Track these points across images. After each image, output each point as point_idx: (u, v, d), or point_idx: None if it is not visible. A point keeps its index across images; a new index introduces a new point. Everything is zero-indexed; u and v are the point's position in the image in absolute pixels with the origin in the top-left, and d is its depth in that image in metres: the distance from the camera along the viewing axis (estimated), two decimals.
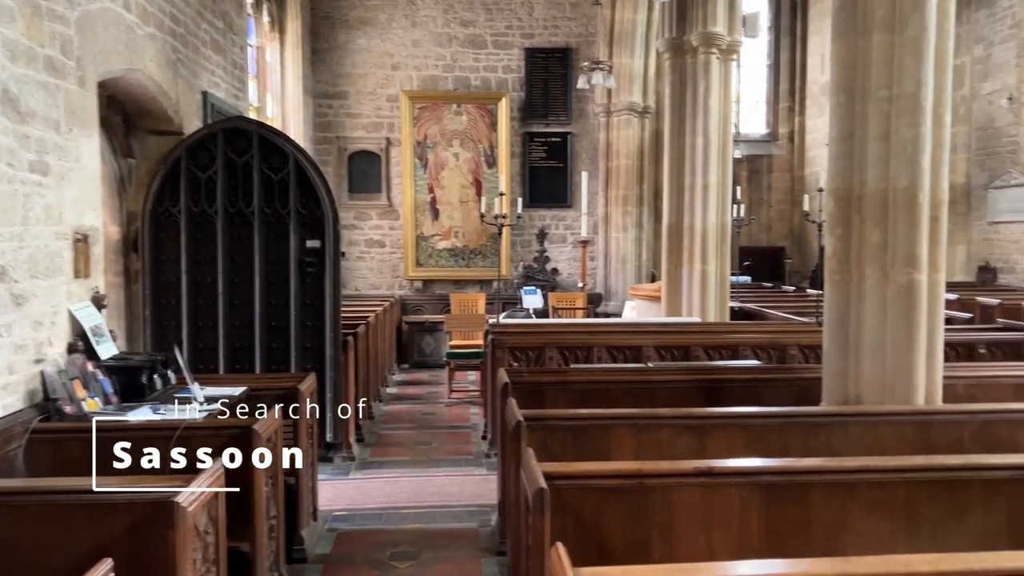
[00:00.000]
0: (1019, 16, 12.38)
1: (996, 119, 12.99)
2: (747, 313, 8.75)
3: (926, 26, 3.92)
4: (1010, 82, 12.64)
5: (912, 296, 4.06)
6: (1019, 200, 12.54)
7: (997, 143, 12.99)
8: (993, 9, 12.96)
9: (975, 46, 13.34)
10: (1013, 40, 12.53)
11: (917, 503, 2.95)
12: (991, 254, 13.28)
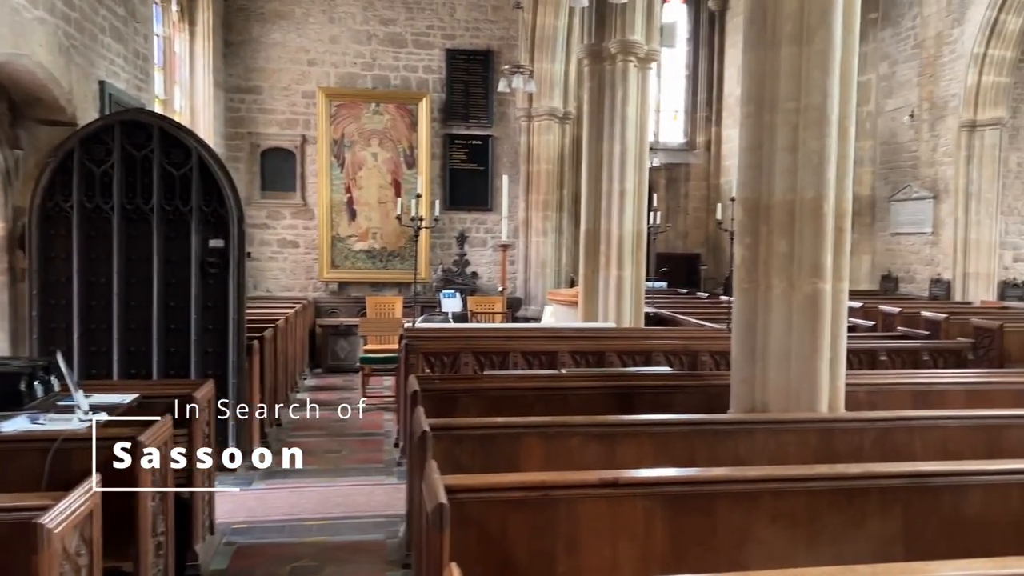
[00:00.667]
0: (921, 37, 12.99)
1: (899, 134, 13.59)
2: (662, 319, 8.86)
3: (832, 41, 3.99)
4: (912, 99, 13.24)
5: (817, 305, 4.12)
6: (919, 213, 13.14)
7: (900, 157, 13.59)
8: (898, 29, 13.56)
9: (881, 63, 13.93)
10: (915, 59, 13.14)
11: (818, 511, 2.98)
12: (893, 264, 13.87)
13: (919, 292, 12.96)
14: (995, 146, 11.88)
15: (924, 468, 3.03)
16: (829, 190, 4.09)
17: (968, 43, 11.83)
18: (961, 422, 4.03)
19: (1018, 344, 8.02)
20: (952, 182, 12.21)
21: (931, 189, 12.80)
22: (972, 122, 11.88)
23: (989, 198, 11.93)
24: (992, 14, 11.41)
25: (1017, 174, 12.65)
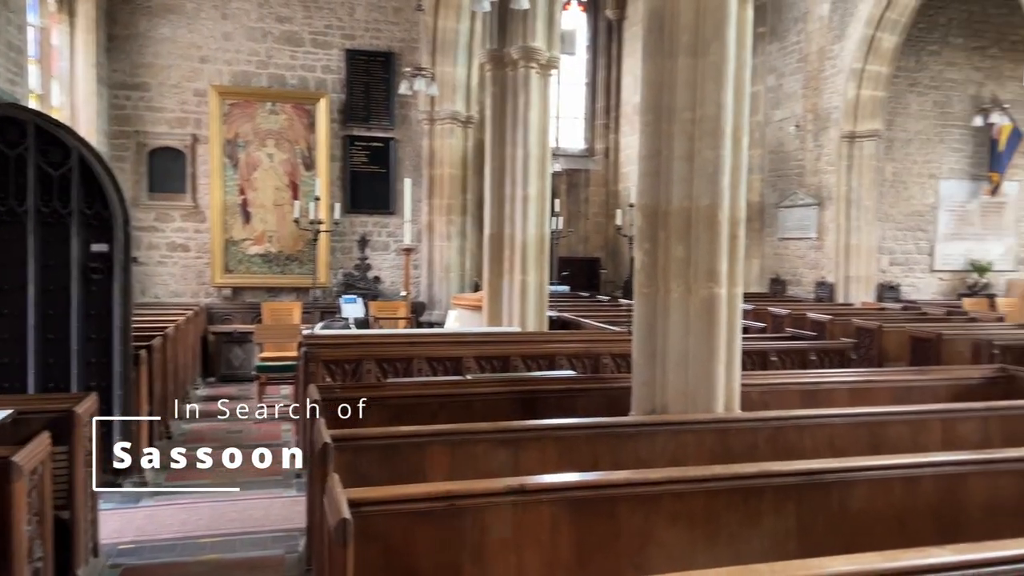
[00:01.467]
0: (805, 51, 13.66)
1: (786, 144, 14.24)
2: (564, 322, 8.96)
3: (726, 54, 4.12)
4: (798, 111, 13.91)
5: (713, 309, 4.25)
6: (804, 219, 13.81)
7: (787, 166, 14.25)
8: (784, 43, 14.22)
9: (768, 76, 14.57)
10: (800, 73, 13.81)
11: (716, 511, 3.05)
12: (781, 267, 14.52)
13: (805, 294, 13.62)
14: (873, 156, 12.63)
15: (815, 466, 3.15)
16: (724, 198, 4.22)
17: (848, 59, 12.53)
18: (846, 419, 4.23)
19: (895, 343, 8.54)
20: (834, 190, 12.89)
21: (815, 196, 13.47)
22: (852, 133, 12.59)
23: (868, 205, 12.68)
24: (869, 31, 12.13)
25: (892, 183, 13.48)
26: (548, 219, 8.23)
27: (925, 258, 13.88)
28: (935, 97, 13.51)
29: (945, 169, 13.75)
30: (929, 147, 13.61)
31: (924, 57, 13.32)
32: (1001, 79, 13.43)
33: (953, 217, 13.90)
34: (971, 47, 13.47)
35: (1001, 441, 4.36)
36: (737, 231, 4.40)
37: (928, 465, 3.25)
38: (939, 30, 13.29)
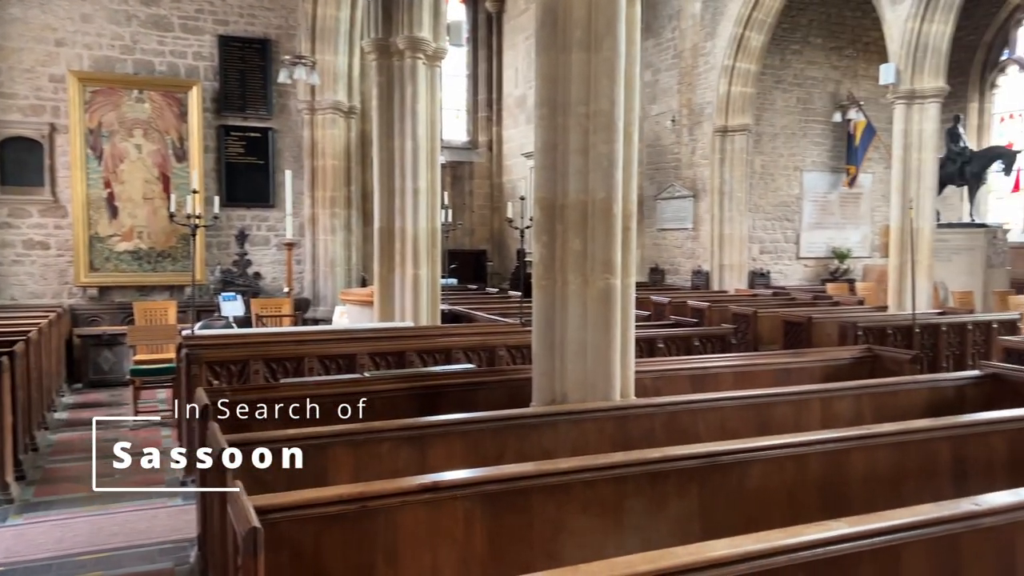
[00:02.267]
0: (680, 48, 14.17)
1: (662, 138, 14.75)
2: (456, 316, 8.93)
3: (618, 49, 4.20)
4: (673, 106, 14.42)
5: (609, 299, 4.34)
6: (681, 211, 14.36)
7: (664, 159, 14.76)
8: (660, 40, 14.69)
9: (645, 71, 15.01)
10: (675, 69, 14.32)
11: (624, 497, 3.13)
12: (660, 257, 15.05)
13: (683, 283, 14.18)
14: (743, 150, 13.29)
15: (715, 448, 3.28)
16: (618, 191, 4.31)
17: (720, 56, 13.10)
18: (735, 402, 4.44)
19: (769, 327, 9.03)
20: (709, 182, 13.48)
21: (691, 188, 14.03)
22: (724, 128, 13.20)
23: (739, 197, 13.34)
24: (739, 30, 12.73)
25: (761, 175, 14.23)
26: (439, 212, 8.17)
27: (792, 246, 14.75)
28: (798, 94, 14.35)
29: (808, 162, 14.64)
30: (794, 141, 14.45)
31: (788, 56, 14.11)
32: (857, 78, 14.43)
33: (816, 207, 14.83)
34: (829, 47, 14.39)
35: (871, 416, 4.69)
36: (630, 223, 4.51)
37: (815, 443, 3.45)
38: (801, 30, 14.11)
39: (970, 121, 14.71)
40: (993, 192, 14.69)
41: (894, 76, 10.19)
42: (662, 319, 9.21)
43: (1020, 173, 13.95)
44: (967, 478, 3.74)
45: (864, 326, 7.86)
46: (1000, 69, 14.81)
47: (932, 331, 8.39)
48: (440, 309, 8.22)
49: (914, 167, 10.26)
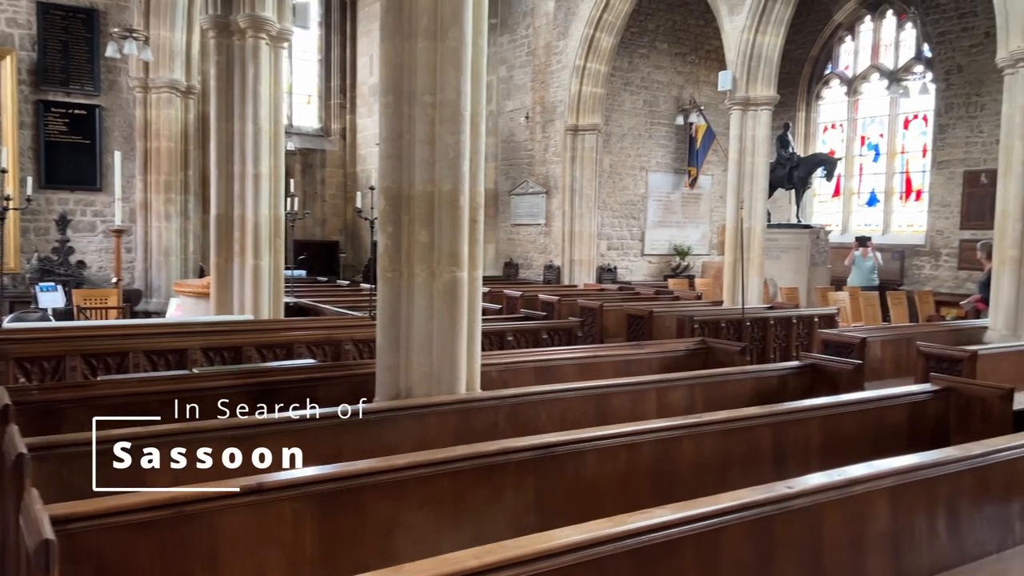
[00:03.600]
0: (533, 46, 14.37)
1: (516, 134, 14.92)
2: (302, 308, 8.62)
3: (464, 40, 4.16)
4: (527, 102, 14.62)
5: (455, 292, 4.30)
6: (534, 206, 14.60)
7: (518, 155, 14.93)
8: (514, 36, 14.84)
9: (500, 67, 15.13)
10: (529, 66, 14.51)
11: (462, 491, 3.09)
12: (514, 251, 15.23)
13: (535, 277, 14.43)
14: (593, 149, 13.67)
15: (550, 439, 3.31)
16: (464, 183, 4.28)
17: (571, 55, 13.39)
18: (576, 393, 4.52)
19: (614, 321, 9.31)
20: (560, 179, 13.77)
21: (543, 185, 14.28)
22: (575, 126, 13.51)
23: (589, 194, 13.71)
24: (589, 31, 13.06)
25: (609, 174, 14.69)
26: (283, 199, 7.84)
27: (637, 243, 15.33)
28: (645, 96, 14.93)
29: (653, 162, 15.27)
30: (640, 142, 15.02)
31: (636, 59, 14.64)
32: (698, 83, 15.18)
33: (660, 206, 15.49)
34: (674, 52, 15.05)
35: (703, 405, 4.91)
36: (477, 216, 4.48)
37: (647, 432, 3.55)
38: (648, 35, 14.68)
39: (798, 129, 15.84)
40: (817, 196, 15.91)
41: (731, 83, 10.78)
42: (514, 312, 9.31)
43: (840, 179, 15.18)
44: (786, 462, 3.98)
45: (700, 319, 8.26)
46: (824, 82, 16.03)
47: (761, 324, 8.95)
48: (284, 302, 7.90)
49: (748, 170, 10.91)
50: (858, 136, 15.55)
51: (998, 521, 3.29)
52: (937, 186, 13.66)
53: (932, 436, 4.53)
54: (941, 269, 13.49)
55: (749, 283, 10.89)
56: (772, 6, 10.46)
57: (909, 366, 6.78)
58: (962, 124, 13.15)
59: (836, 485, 2.78)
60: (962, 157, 13.15)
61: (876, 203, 15.18)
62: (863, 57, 15.37)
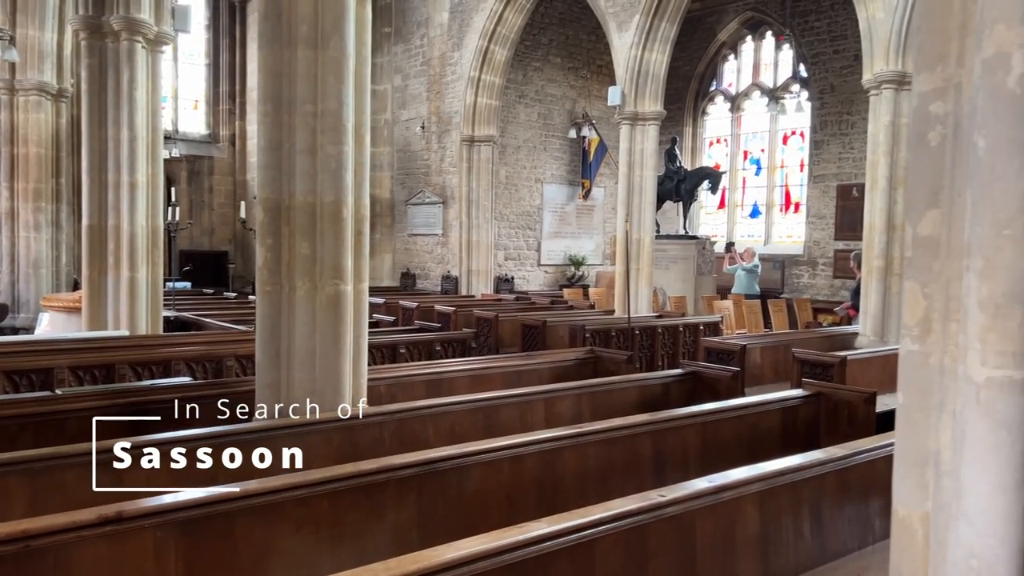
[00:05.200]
0: (428, 56, 14.34)
1: (413, 143, 14.83)
2: (184, 323, 8.27)
3: (346, 49, 4.10)
4: (423, 112, 14.56)
5: (339, 306, 4.22)
6: (431, 216, 14.53)
7: (414, 165, 14.84)
8: (409, 45, 14.76)
9: (395, 76, 15.02)
10: (424, 76, 14.46)
11: (341, 512, 3.02)
12: (411, 262, 15.11)
13: (433, 287, 14.35)
14: (489, 160, 13.74)
15: (433, 455, 3.27)
16: (348, 195, 4.21)
17: (466, 67, 13.44)
18: (464, 406, 4.50)
19: (509, 331, 9.36)
20: (457, 190, 13.77)
21: (440, 195, 14.25)
22: (471, 137, 13.55)
23: (486, 205, 13.76)
24: (484, 43, 13.14)
25: (506, 185, 14.80)
26: (161, 209, 7.50)
27: (534, 253, 15.50)
28: (539, 109, 15.13)
29: (548, 174, 15.48)
30: (535, 154, 15.21)
31: (530, 72, 14.83)
32: (591, 97, 15.51)
33: (555, 217, 15.72)
34: (567, 67, 15.33)
35: (590, 414, 4.99)
36: (362, 227, 4.41)
37: (532, 443, 3.57)
38: (542, 48, 14.89)
39: (686, 143, 16.41)
40: (704, 208, 16.51)
41: (620, 99, 11.07)
42: (410, 324, 9.22)
43: (725, 191, 15.81)
44: (666, 469, 4.08)
45: (592, 329, 8.41)
46: (710, 98, 16.69)
47: (650, 333, 9.19)
48: (164, 316, 7.55)
49: (637, 183, 11.21)
50: (741, 151, 16.25)
51: (858, 520, 3.47)
52: (813, 199, 14.42)
53: (804, 439, 4.76)
54: (818, 278, 14.24)
55: (639, 292, 11.19)
56: (658, 24, 10.81)
57: (787, 371, 7.10)
58: (835, 141, 13.94)
59: (707, 492, 2.87)
60: (835, 172, 13.95)
61: (758, 215, 15.89)
62: (745, 75, 16.09)
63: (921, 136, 1.90)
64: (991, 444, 1.66)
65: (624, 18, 11.05)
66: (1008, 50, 1.60)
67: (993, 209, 1.64)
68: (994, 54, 1.63)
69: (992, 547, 1.67)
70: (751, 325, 11.42)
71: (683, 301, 12.41)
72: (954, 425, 1.80)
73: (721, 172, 14.58)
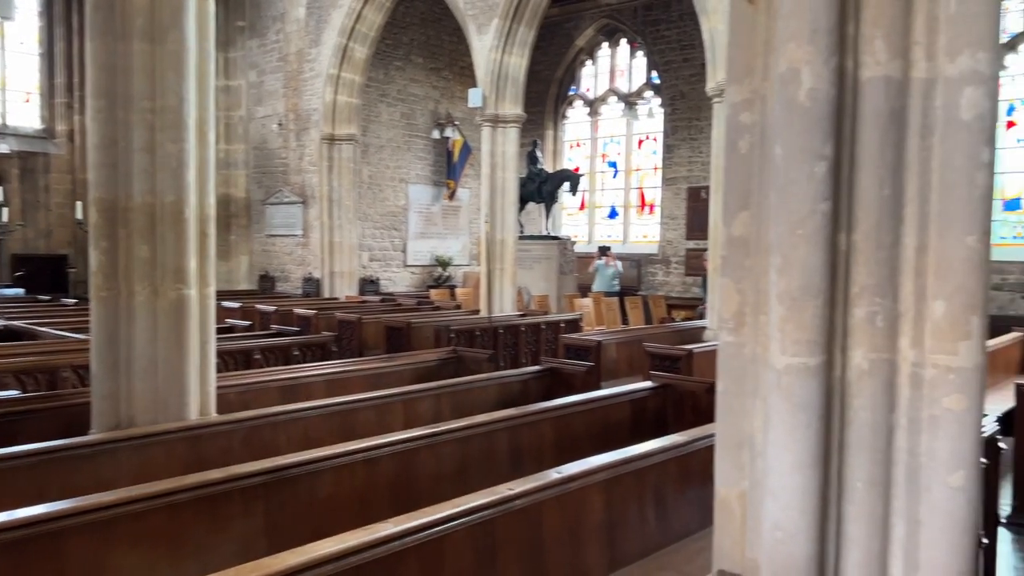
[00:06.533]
0: (285, 51, 13.94)
1: (270, 141, 14.37)
2: (14, 332, 7.64)
3: (186, 43, 3.95)
4: (280, 109, 14.13)
5: (183, 311, 4.06)
6: (290, 216, 14.13)
7: (272, 163, 14.38)
8: (264, 40, 14.29)
9: (250, 71, 14.51)
10: (281, 72, 14.05)
11: (183, 525, 2.90)
12: (270, 264, 14.63)
13: (294, 290, 13.96)
14: (351, 159, 13.52)
15: (282, 461, 3.20)
16: (190, 194, 4.05)
17: (325, 64, 13.16)
18: (319, 411, 4.43)
19: (373, 333, 9.27)
20: (318, 189, 13.46)
21: (300, 195, 13.88)
22: (331, 136, 13.28)
23: (348, 205, 13.53)
24: (343, 40, 12.91)
25: (369, 185, 14.61)
26: None
27: (400, 254, 15.39)
28: (402, 109, 15.04)
29: (413, 175, 15.41)
30: (399, 154, 15.11)
31: (392, 71, 14.71)
32: (454, 99, 15.57)
33: (421, 218, 15.67)
34: (429, 67, 15.33)
35: (450, 414, 5.02)
36: (207, 228, 4.26)
37: (386, 445, 3.56)
38: (403, 48, 14.81)
39: (547, 146, 16.79)
40: (566, 209, 16.95)
41: (481, 100, 11.19)
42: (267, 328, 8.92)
43: (585, 194, 16.30)
44: (522, 464, 4.17)
45: (456, 329, 8.46)
46: (569, 102, 17.15)
47: (514, 331, 9.35)
48: None
49: (500, 184, 11.36)
50: (599, 154, 16.80)
51: (699, 502, 3.69)
52: (667, 200, 15.12)
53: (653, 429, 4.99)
54: (672, 275, 14.94)
55: (504, 292, 11.35)
56: (517, 28, 11.01)
57: (642, 365, 7.41)
58: (685, 145, 14.68)
59: (555, 483, 2.97)
60: (686, 175, 14.69)
61: (616, 216, 16.48)
62: (602, 80, 16.65)
63: (733, 144, 2.05)
64: (791, 425, 1.82)
65: (483, 21, 11.18)
66: (798, 66, 1.76)
67: (788, 211, 1.80)
68: (787, 69, 1.79)
69: (793, 519, 1.83)
70: (609, 322, 11.84)
71: (546, 300, 12.69)
72: (764, 409, 1.97)
73: (580, 174, 15.01)
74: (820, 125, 1.76)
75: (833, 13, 1.77)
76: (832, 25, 1.76)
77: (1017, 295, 11.35)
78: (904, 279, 1.82)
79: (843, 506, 1.88)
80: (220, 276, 13.92)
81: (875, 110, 1.79)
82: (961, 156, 1.77)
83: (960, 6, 1.74)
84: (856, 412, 1.85)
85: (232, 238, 14.55)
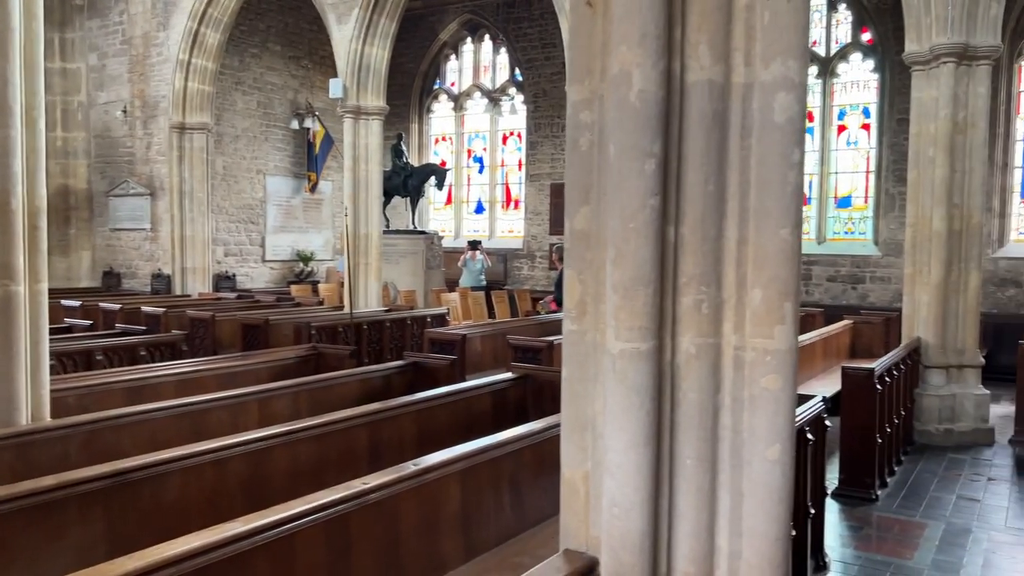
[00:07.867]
0: (129, 34, 13.12)
1: (114, 129, 13.49)
2: None
3: (10, 23, 3.67)
4: (124, 95, 13.30)
5: (10, 309, 3.78)
6: (138, 209, 13.34)
7: (116, 152, 13.52)
8: (106, 21, 13.39)
9: (90, 54, 13.57)
10: (125, 55, 13.21)
11: (12, 536, 2.71)
12: (115, 259, 13.76)
13: (142, 287, 13.20)
14: (203, 149, 12.90)
15: (123, 465, 3.05)
16: (17, 185, 3.77)
17: (174, 48, 12.49)
18: (167, 412, 4.23)
19: (228, 331, 8.91)
20: (167, 180, 12.78)
21: (148, 186, 13.13)
22: (182, 124, 12.63)
23: (201, 197, 12.91)
24: (193, 25, 12.30)
25: (224, 176, 14.01)
26: None
27: (257, 249, 14.85)
28: (259, 98, 14.51)
29: (271, 166, 14.91)
30: (256, 144, 14.57)
31: (247, 59, 14.17)
32: (314, 88, 15.18)
33: (280, 211, 15.19)
34: (288, 55, 14.87)
35: (309, 412, 4.92)
36: (38, 221, 3.97)
37: (237, 445, 3.46)
38: (260, 35, 14.29)
39: (412, 140, 16.68)
40: (432, 204, 16.92)
41: (342, 91, 10.98)
42: (111, 328, 8.41)
43: (451, 188, 16.34)
44: (382, 459, 4.15)
45: (317, 325, 8.29)
46: (434, 96, 17.10)
47: (378, 327, 9.26)
48: None
49: (363, 177, 11.20)
50: (465, 149, 16.88)
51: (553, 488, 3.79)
52: (531, 196, 15.40)
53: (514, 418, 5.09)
54: (536, 270, 15.25)
55: (369, 287, 11.21)
56: (378, 20, 10.87)
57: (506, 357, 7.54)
58: (548, 142, 15.00)
59: (410, 476, 2.99)
60: (549, 172, 15.01)
61: (483, 211, 16.63)
62: (467, 75, 16.72)
63: (574, 141, 2.14)
64: (625, 407, 1.93)
65: (343, 11, 10.97)
66: (629, 68, 1.87)
67: (621, 206, 1.90)
68: (619, 71, 1.89)
69: (628, 495, 1.95)
70: (476, 316, 11.95)
71: (413, 295, 12.65)
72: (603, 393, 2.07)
73: (446, 169, 15.04)
74: (650, 125, 1.87)
75: (662, 18, 1.89)
76: (660, 30, 1.88)
77: (848, 286, 12.37)
78: (727, 269, 1.97)
79: (675, 481, 2.02)
80: (59, 273, 12.96)
81: (700, 111, 1.93)
82: (775, 155, 1.93)
83: (773, 17, 1.90)
84: (685, 393, 1.99)
85: (72, 232, 13.57)
